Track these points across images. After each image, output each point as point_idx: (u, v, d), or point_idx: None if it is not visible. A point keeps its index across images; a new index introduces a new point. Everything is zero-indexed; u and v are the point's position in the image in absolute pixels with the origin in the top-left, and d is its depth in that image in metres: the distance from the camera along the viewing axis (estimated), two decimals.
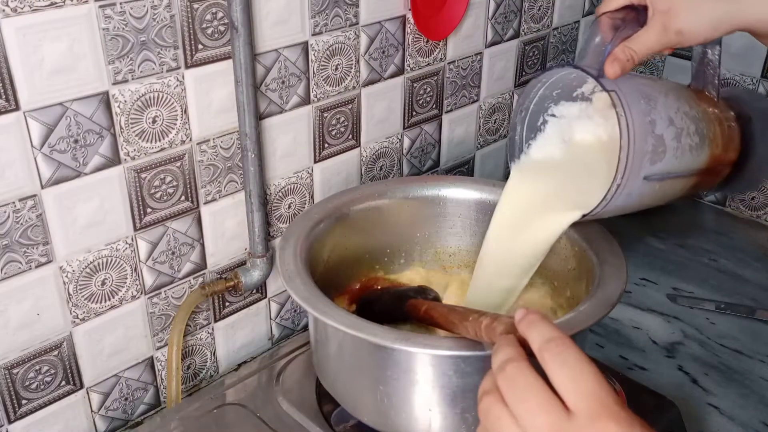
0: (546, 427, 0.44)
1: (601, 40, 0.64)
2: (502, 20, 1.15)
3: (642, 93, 0.67)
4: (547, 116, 0.78)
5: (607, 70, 0.61)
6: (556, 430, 0.44)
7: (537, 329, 0.48)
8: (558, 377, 0.45)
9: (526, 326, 0.49)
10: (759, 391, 0.92)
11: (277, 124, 0.90)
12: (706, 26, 0.58)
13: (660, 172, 0.69)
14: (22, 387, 0.77)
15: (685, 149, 0.70)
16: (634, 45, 0.60)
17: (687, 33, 0.59)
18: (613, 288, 0.73)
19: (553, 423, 0.44)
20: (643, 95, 0.67)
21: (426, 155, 1.14)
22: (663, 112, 0.68)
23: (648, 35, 0.60)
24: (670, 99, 0.71)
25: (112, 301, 0.81)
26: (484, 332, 0.58)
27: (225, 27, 0.80)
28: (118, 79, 0.73)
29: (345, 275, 0.91)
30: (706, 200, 1.34)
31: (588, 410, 0.43)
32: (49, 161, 0.71)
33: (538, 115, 0.78)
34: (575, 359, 0.46)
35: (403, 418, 0.72)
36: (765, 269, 1.15)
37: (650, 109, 0.67)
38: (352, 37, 0.94)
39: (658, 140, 0.67)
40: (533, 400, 0.45)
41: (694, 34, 0.59)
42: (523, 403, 0.45)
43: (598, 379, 0.45)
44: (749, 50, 1.21)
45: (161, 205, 0.82)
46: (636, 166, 0.66)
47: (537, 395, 0.45)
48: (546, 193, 0.77)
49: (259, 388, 0.88)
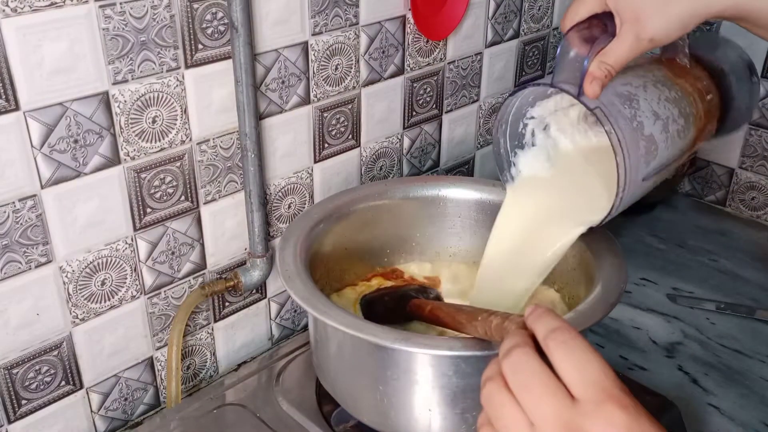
0: (551, 414, 0.44)
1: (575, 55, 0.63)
2: (502, 20, 1.15)
3: (623, 97, 0.67)
4: (527, 120, 0.78)
5: (587, 91, 0.60)
6: (562, 417, 0.43)
7: (543, 321, 0.48)
8: (563, 365, 0.45)
9: (534, 320, 0.49)
10: (759, 391, 0.92)
11: (277, 124, 0.90)
12: (676, 27, 0.58)
13: (656, 167, 0.68)
14: (21, 387, 0.77)
15: (673, 136, 0.69)
16: (609, 59, 0.59)
17: (659, 38, 0.59)
18: (613, 288, 0.73)
19: (559, 410, 0.43)
20: (624, 99, 0.66)
21: (426, 155, 1.14)
22: (647, 109, 0.67)
23: (621, 47, 0.59)
24: (649, 91, 0.70)
25: (112, 301, 0.81)
26: (494, 331, 0.57)
27: (225, 27, 0.80)
28: (118, 79, 0.73)
29: (345, 275, 0.91)
30: (706, 200, 1.34)
31: (593, 397, 0.43)
32: (48, 161, 0.71)
33: (518, 122, 0.78)
34: (580, 348, 0.45)
35: (402, 418, 0.72)
36: (765, 269, 1.15)
37: (635, 112, 0.66)
38: (352, 37, 0.94)
39: (649, 140, 0.67)
40: (538, 387, 0.45)
41: (666, 38, 0.59)
42: (528, 389, 0.45)
43: (603, 367, 0.45)
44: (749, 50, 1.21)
45: (161, 205, 0.82)
46: (634, 175, 0.66)
47: (542, 382, 0.45)
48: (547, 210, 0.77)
49: (259, 389, 0.88)
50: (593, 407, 0.43)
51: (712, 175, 1.31)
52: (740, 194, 1.29)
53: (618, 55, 0.59)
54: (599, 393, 0.43)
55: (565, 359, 0.45)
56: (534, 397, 0.45)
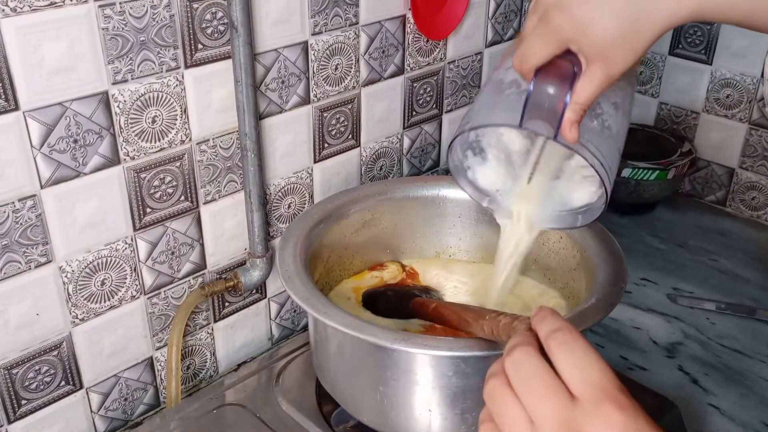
0: (551, 412, 0.44)
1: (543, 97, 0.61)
2: (502, 20, 1.15)
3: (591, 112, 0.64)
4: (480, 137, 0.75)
5: (568, 136, 0.59)
6: (561, 415, 0.44)
7: (546, 322, 0.49)
8: (563, 365, 0.46)
9: (538, 321, 0.50)
10: (759, 392, 0.92)
11: (277, 124, 0.90)
12: (641, 54, 0.58)
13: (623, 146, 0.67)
14: (21, 387, 0.77)
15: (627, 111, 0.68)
16: (582, 100, 0.59)
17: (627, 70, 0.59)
18: (613, 288, 0.73)
19: (558, 408, 0.44)
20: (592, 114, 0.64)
21: (426, 155, 1.13)
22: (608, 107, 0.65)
23: (592, 86, 0.58)
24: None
25: (112, 301, 0.81)
26: (502, 330, 0.57)
27: (225, 27, 0.80)
28: (117, 78, 0.73)
29: (345, 275, 0.91)
30: (706, 200, 1.34)
31: (592, 397, 0.44)
32: (48, 161, 0.71)
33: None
34: (581, 348, 0.46)
35: (402, 418, 0.72)
36: (765, 269, 1.15)
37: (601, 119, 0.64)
38: (352, 36, 0.94)
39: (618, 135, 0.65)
40: (539, 386, 0.45)
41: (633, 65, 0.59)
42: (529, 387, 0.46)
43: (603, 368, 0.45)
44: (749, 50, 1.21)
45: (161, 205, 0.82)
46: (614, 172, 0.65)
47: (542, 380, 0.45)
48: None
49: (258, 389, 0.88)
50: (592, 407, 0.44)
51: (712, 175, 1.31)
52: (740, 194, 1.29)
53: (589, 94, 0.58)
54: (598, 393, 0.44)
55: (566, 359, 0.46)
56: (534, 396, 0.45)
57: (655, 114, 1.35)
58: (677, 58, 1.30)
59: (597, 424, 0.43)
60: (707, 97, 1.28)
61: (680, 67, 1.29)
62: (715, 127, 1.28)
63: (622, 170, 1.20)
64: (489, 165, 0.75)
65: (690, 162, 1.24)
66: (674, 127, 1.33)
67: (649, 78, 1.34)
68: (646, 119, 1.36)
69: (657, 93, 1.34)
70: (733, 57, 1.23)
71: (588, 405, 0.44)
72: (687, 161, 1.23)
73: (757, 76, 1.21)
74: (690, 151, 1.26)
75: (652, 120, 1.36)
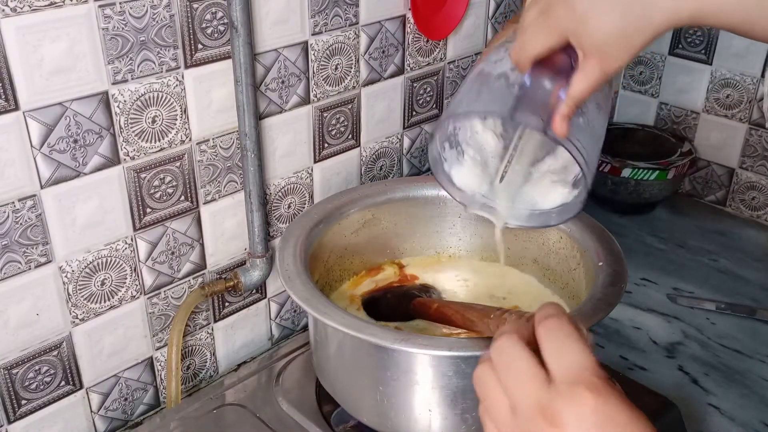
0: (529, 394, 0.46)
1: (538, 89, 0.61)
2: (502, 20, 1.15)
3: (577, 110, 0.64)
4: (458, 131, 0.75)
5: (558, 130, 0.59)
6: (536, 397, 0.45)
7: (541, 311, 0.50)
8: (545, 349, 0.47)
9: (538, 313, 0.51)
10: (759, 391, 0.92)
11: (277, 124, 0.90)
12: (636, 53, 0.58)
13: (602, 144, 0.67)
14: (21, 387, 0.77)
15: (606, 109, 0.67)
16: (577, 94, 0.59)
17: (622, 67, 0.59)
18: (613, 288, 0.73)
19: (536, 390, 0.45)
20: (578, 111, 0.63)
21: (426, 155, 1.13)
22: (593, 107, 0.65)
23: (587, 82, 0.59)
24: None
25: (112, 301, 0.81)
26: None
27: (225, 27, 0.80)
28: (117, 78, 0.73)
29: (345, 275, 0.91)
30: (706, 200, 1.34)
31: (566, 379, 0.45)
32: (48, 161, 0.71)
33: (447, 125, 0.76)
34: (564, 334, 0.47)
35: (402, 418, 0.72)
36: (765, 269, 1.15)
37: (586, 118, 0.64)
38: (352, 36, 0.94)
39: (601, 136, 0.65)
40: (518, 369, 0.47)
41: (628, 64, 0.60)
42: (510, 371, 0.47)
43: (582, 352, 0.46)
44: (749, 50, 1.21)
45: (161, 205, 0.82)
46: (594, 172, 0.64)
47: (522, 365, 0.47)
48: None
49: (258, 389, 0.88)
50: (565, 388, 0.45)
51: (712, 175, 1.31)
52: (740, 194, 1.29)
53: (584, 90, 0.59)
54: (573, 375, 0.45)
55: (547, 343, 0.47)
56: (513, 379, 0.47)
57: (655, 114, 1.35)
58: (677, 58, 1.30)
59: (568, 404, 0.44)
60: (707, 97, 1.28)
61: (680, 67, 1.30)
62: (715, 127, 1.28)
63: (622, 170, 1.20)
64: (465, 165, 0.75)
65: (690, 162, 1.24)
66: (674, 127, 1.33)
67: (649, 78, 1.34)
68: (646, 119, 1.36)
69: (657, 93, 1.34)
70: (733, 57, 1.23)
71: (562, 386, 0.45)
72: (687, 161, 1.23)
73: (757, 76, 1.22)
74: (690, 151, 1.26)
75: (652, 120, 1.36)
